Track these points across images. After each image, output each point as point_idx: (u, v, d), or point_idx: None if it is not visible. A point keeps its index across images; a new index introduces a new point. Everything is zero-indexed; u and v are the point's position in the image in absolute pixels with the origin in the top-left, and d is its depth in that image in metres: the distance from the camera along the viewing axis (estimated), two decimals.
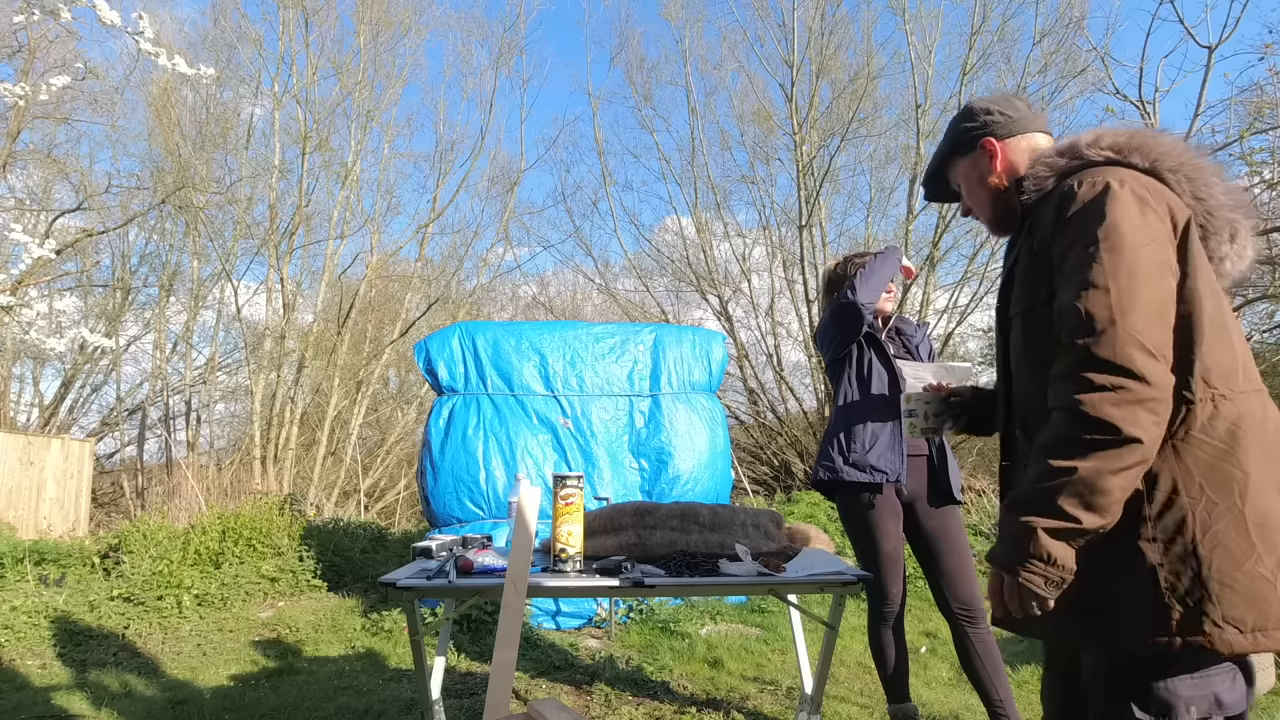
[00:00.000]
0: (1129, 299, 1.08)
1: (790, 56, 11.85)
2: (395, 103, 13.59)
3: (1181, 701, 1.08)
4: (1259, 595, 1.05)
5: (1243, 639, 1.04)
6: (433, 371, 5.05)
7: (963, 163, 1.48)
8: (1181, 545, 1.08)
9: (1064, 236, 1.18)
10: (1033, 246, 1.26)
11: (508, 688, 1.62)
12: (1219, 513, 1.08)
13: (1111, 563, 1.12)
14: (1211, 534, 1.07)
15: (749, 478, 10.79)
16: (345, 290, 13.30)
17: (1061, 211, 1.20)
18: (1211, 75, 8.25)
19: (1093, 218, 1.14)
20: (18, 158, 11.95)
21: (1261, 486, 1.09)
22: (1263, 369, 8.66)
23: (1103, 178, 1.17)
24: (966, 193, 1.49)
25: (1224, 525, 1.07)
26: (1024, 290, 1.28)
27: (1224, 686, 1.10)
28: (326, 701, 3.24)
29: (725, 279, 13.02)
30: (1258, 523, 1.07)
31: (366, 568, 6.07)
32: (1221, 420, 1.11)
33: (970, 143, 1.45)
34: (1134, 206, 1.13)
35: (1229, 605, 1.05)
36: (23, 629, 4.32)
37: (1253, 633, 1.04)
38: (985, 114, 1.44)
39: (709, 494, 4.95)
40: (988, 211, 1.46)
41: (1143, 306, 1.07)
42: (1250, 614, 1.05)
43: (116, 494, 13.83)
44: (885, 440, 2.55)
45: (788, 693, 3.29)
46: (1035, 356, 1.24)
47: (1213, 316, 1.14)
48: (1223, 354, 1.13)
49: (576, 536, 2.09)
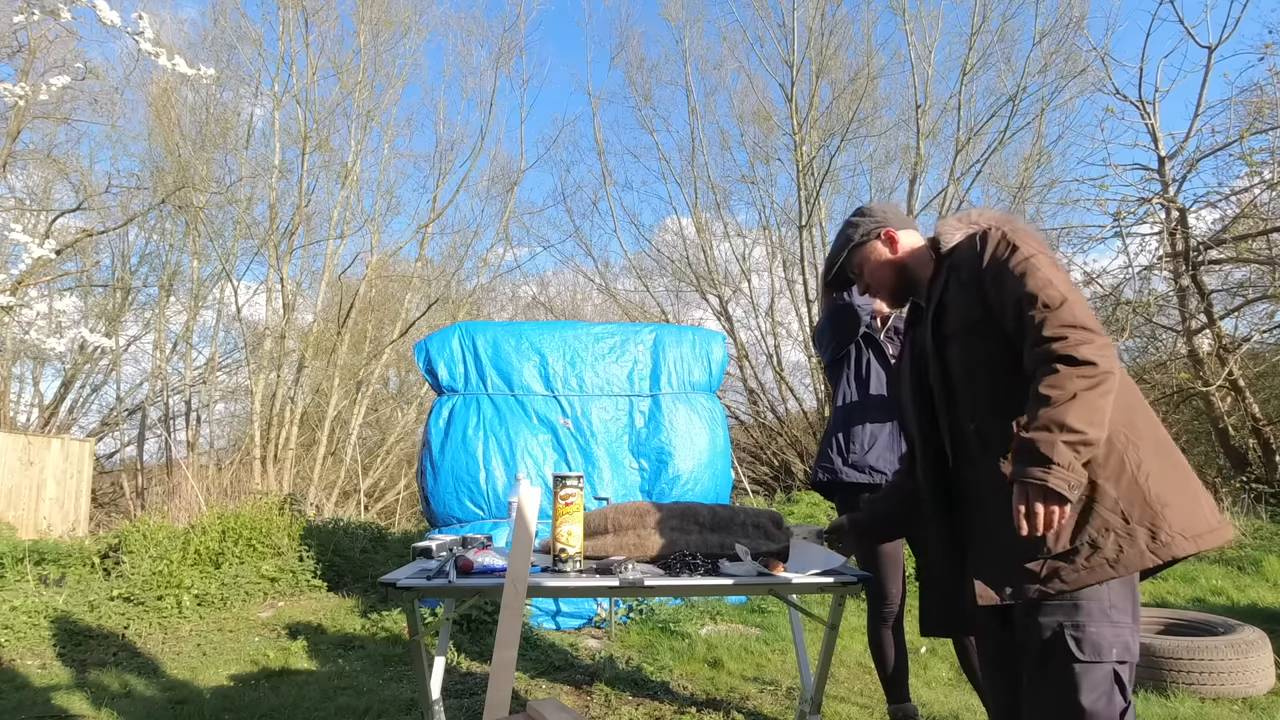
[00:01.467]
0: (1068, 286, 1.45)
1: (790, 56, 11.86)
2: (395, 103, 13.61)
3: (1106, 644, 1.35)
4: (1184, 510, 1.38)
5: (1187, 542, 1.35)
6: (433, 371, 5.05)
7: (863, 251, 1.81)
8: (1127, 479, 1.39)
9: (993, 264, 1.53)
10: (960, 280, 1.59)
11: (508, 688, 1.62)
12: (1142, 453, 1.41)
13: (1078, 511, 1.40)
14: (1142, 469, 1.39)
15: (749, 478, 10.79)
16: (345, 290, 13.30)
17: (984, 250, 1.56)
18: (1211, 75, 8.26)
19: (1014, 248, 1.51)
20: (18, 158, 11.95)
21: (1154, 434, 1.45)
22: (1262, 369, 8.66)
23: (1002, 228, 1.58)
24: (869, 273, 1.82)
25: (1147, 461, 1.40)
26: (960, 312, 1.59)
27: (1131, 637, 1.38)
28: (326, 701, 3.24)
29: (725, 279, 13.03)
30: (1161, 455, 1.43)
31: (366, 568, 6.07)
32: (1123, 393, 1.44)
33: (873, 234, 1.80)
34: (1033, 238, 1.54)
35: (1170, 521, 1.36)
36: (23, 629, 4.32)
37: (1192, 537, 1.36)
38: (882, 213, 1.83)
39: (709, 494, 4.95)
40: (890, 286, 1.80)
41: (1075, 293, 1.45)
42: (1184, 523, 1.36)
43: (116, 494, 13.83)
44: (884, 441, 2.55)
45: (788, 693, 3.29)
46: (975, 363, 1.57)
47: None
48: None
49: (576, 536, 2.09)
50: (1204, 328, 8.28)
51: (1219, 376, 7.74)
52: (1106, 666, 1.34)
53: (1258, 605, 4.58)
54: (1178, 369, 8.82)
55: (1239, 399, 8.03)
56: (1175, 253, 8.19)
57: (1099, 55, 9.46)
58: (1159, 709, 2.90)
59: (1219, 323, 8.16)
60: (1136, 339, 9.62)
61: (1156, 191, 8.53)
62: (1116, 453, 1.41)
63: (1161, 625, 3.61)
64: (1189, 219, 8.18)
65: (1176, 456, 1.46)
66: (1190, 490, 1.43)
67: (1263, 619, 4.00)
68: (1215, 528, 1.40)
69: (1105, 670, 1.34)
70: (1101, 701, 1.33)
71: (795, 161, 11.74)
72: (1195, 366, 8.24)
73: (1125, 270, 8.71)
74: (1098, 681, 1.34)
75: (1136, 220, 8.54)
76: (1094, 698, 1.33)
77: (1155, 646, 3.14)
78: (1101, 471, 1.40)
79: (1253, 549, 5.73)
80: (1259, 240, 8.05)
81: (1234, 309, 8.46)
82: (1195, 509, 1.40)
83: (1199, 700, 2.99)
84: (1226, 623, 3.38)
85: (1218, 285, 8.54)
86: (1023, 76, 10.69)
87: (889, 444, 2.55)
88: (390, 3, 13.30)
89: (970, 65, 10.97)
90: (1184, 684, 3.05)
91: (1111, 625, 1.36)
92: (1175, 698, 2.99)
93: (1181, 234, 8.10)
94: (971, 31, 11.02)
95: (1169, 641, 3.17)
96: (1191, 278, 7.97)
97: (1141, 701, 2.96)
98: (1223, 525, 1.42)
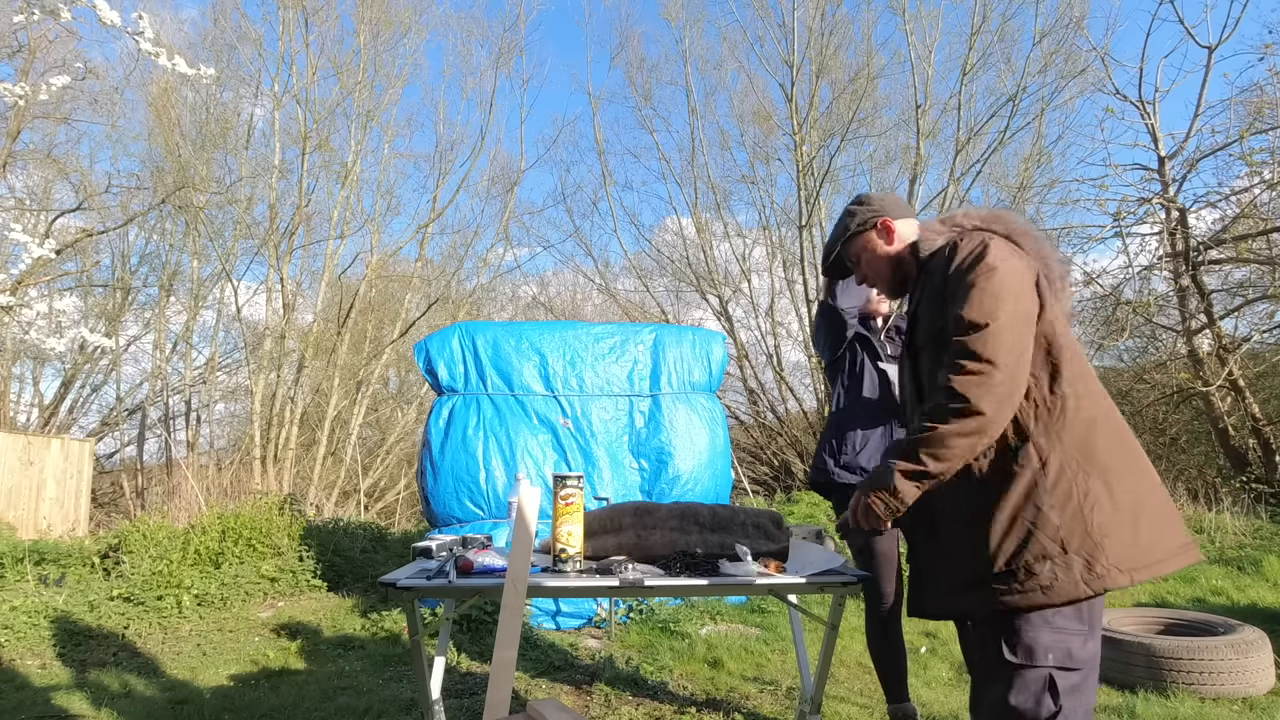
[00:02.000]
0: (1008, 310, 1.42)
1: (790, 56, 11.85)
2: (395, 103, 13.60)
3: (1041, 648, 1.36)
4: (1127, 542, 1.38)
5: (1123, 576, 1.36)
6: (433, 371, 5.05)
7: (860, 241, 1.82)
8: (1071, 508, 1.39)
9: (954, 275, 1.53)
10: (933, 288, 1.59)
11: (508, 688, 1.62)
12: (1092, 481, 1.40)
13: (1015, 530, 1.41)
14: (1090, 498, 1.39)
15: (749, 478, 10.79)
16: (345, 290, 13.29)
17: (951, 259, 1.55)
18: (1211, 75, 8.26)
19: (977, 259, 1.50)
20: (18, 158, 11.95)
21: (1116, 460, 1.44)
22: (1262, 369, 8.66)
23: (979, 236, 1.56)
24: (865, 263, 1.82)
25: (1097, 490, 1.39)
26: (928, 323, 1.61)
27: (1077, 643, 1.37)
28: (326, 701, 3.24)
29: (725, 279, 13.02)
30: (1118, 485, 1.41)
31: (366, 568, 6.07)
32: (1084, 410, 1.45)
33: (869, 223, 1.80)
34: (1005, 252, 1.51)
35: (1109, 552, 1.36)
36: (23, 629, 4.32)
37: (1129, 570, 1.36)
38: (881, 201, 1.84)
39: (709, 494, 4.95)
40: (887, 277, 1.80)
41: (1008, 317, 1.41)
42: (1125, 556, 1.36)
43: (116, 494, 13.82)
44: (875, 442, 2.57)
45: (788, 693, 3.29)
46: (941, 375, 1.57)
47: (1066, 335, 1.51)
48: (1076, 363, 1.49)
49: (576, 536, 2.09)
50: (1204, 328, 8.29)
51: (1219, 376, 7.74)
52: (1041, 670, 1.35)
53: (1258, 605, 4.58)
54: (1178, 369, 8.82)
55: (1239, 399, 8.03)
56: (1175, 253, 8.20)
57: (1099, 55, 9.46)
58: (1159, 709, 2.90)
59: (1219, 323, 8.16)
60: (1136, 339, 9.63)
61: (1156, 191, 8.54)
62: (1066, 480, 1.40)
63: (1161, 625, 3.61)
64: (1189, 219, 8.18)
65: (1139, 480, 1.45)
66: (1144, 519, 1.40)
67: (1263, 619, 4.00)
68: (1160, 560, 1.39)
69: (1039, 674, 1.35)
70: (1030, 703, 1.35)
71: (795, 161, 11.74)
72: (1195, 366, 8.25)
73: (1125, 270, 8.72)
74: (1028, 683, 1.36)
75: (1136, 220, 8.55)
76: (1022, 699, 1.35)
77: (1155, 646, 3.14)
78: (1047, 498, 1.40)
79: (1253, 549, 5.73)
80: (1259, 240, 8.06)
81: (1234, 309, 8.46)
82: (1140, 540, 1.38)
83: (1199, 700, 2.99)
84: (1226, 623, 3.38)
85: (1218, 285, 8.55)
86: (1023, 76, 10.69)
87: (880, 445, 2.57)
88: (390, 3, 13.30)
89: (970, 65, 10.97)
90: (1184, 684, 3.05)
91: (1052, 631, 1.37)
92: (1175, 698, 2.99)
93: (1181, 234, 8.10)
94: (971, 31, 11.03)
95: (1169, 641, 3.17)
96: (1191, 278, 7.97)
97: (1141, 701, 2.97)
98: (1172, 557, 1.40)
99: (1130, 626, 3.57)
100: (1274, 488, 7.36)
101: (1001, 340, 1.39)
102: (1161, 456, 9.53)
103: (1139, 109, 8.79)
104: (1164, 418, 9.64)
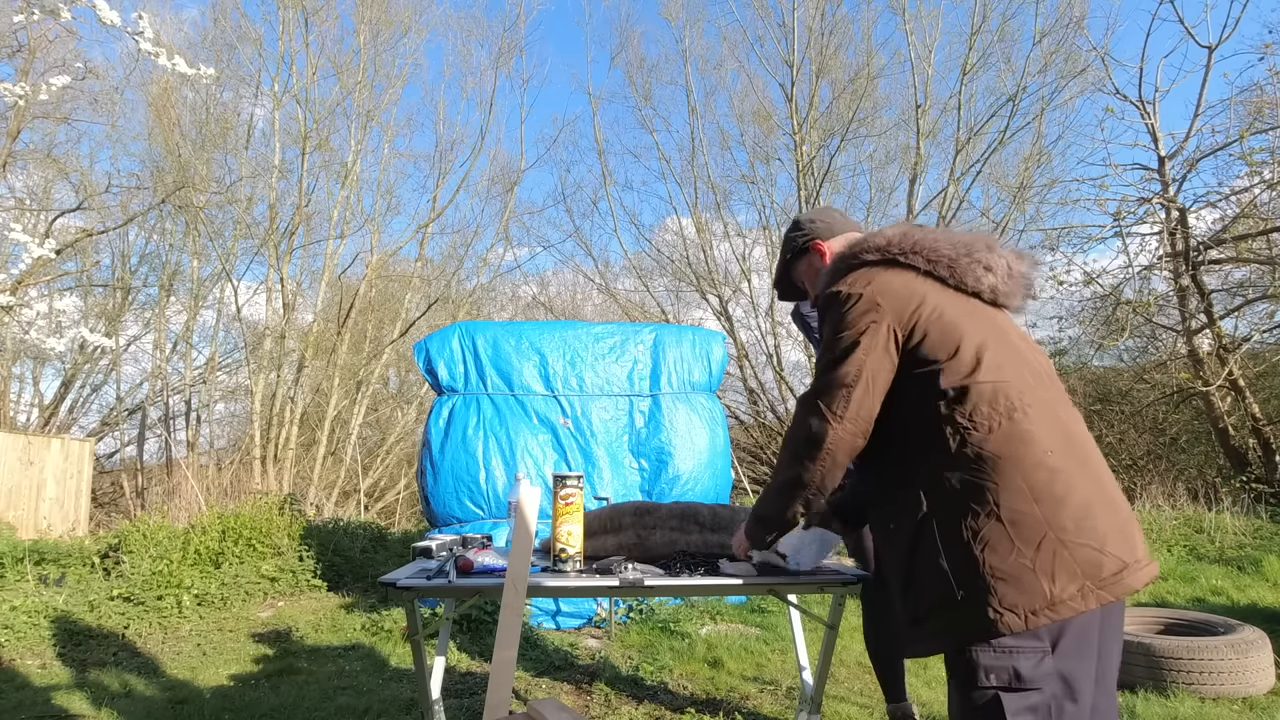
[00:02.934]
0: (840, 367, 1.41)
1: (790, 56, 11.86)
2: (395, 103, 13.61)
3: (981, 669, 1.30)
4: (1024, 582, 1.27)
5: (1019, 620, 1.26)
6: (433, 371, 5.05)
7: (801, 264, 1.85)
8: (960, 550, 1.31)
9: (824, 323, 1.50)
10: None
11: (508, 688, 1.62)
12: (982, 520, 1.30)
13: (921, 575, 1.38)
14: (980, 537, 1.30)
15: (749, 478, 10.79)
16: (345, 290, 13.30)
17: (827, 306, 1.51)
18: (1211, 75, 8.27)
19: (837, 312, 1.47)
20: (18, 158, 11.96)
21: (1011, 491, 1.30)
22: (1262, 369, 8.66)
23: (848, 287, 1.48)
24: (810, 286, 1.82)
25: (988, 529, 1.30)
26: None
27: (1028, 663, 1.30)
28: (326, 701, 3.24)
29: (725, 279, 13.03)
30: (1011, 520, 1.29)
31: (366, 568, 6.07)
32: (970, 448, 1.34)
33: (804, 247, 1.81)
34: (864, 308, 1.44)
35: (1003, 595, 1.27)
36: (23, 629, 4.32)
37: (1027, 614, 1.26)
38: (810, 224, 1.82)
39: (709, 494, 4.95)
40: None
41: (847, 377, 1.40)
42: (1022, 599, 1.26)
43: (116, 494, 13.83)
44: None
45: (788, 693, 3.29)
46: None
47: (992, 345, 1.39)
48: (997, 380, 1.36)
49: (576, 536, 2.09)
50: (1204, 328, 8.29)
51: (1219, 376, 7.74)
52: (986, 691, 1.32)
53: (1258, 605, 4.58)
54: (1178, 369, 8.82)
55: (1239, 399, 8.03)
56: (1175, 253, 8.20)
57: (1099, 55, 9.47)
58: (1159, 709, 2.90)
59: (1219, 323, 8.17)
60: (1136, 339, 9.63)
61: (1156, 191, 8.54)
62: (953, 521, 1.33)
63: (1161, 625, 3.61)
64: (1189, 219, 8.19)
65: (1056, 518, 1.30)
66: (1059, 553, 1.29)
67: (1263, 619, 4.00)
68: (1062, 599, 1.27)
69: (984, 694, 1.33)
70: None
71: (795, 161, 11.74)
72: (1195, 366, 8.25)
73: (1125, 270, 8.73)
74: (974, 702, 1.34)
75: (1136, 220, 8.56)
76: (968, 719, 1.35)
77: (1155, 646, 3.14)
78: (941, 541, 1.34)
79: (1253, 549, 5.73)
80: (1259, 240, 8.06)
81: (1234, 309, 8.46)
82: (1038, 581, 1.28)
83: (1199, 700, 2.99)
84: (1226, 623, 3.38)
85: (1218, 285, 8.55)
86: (1023, 76, 10.70)
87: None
88: (390, 3, 13.31)
89: (970, 65, 10.98)
90: (1184, 684, 3.05)
91: (994, 653, 1.32)
92: (1175, 698, 2.99)
93: (1181, 234, 8.10)
94: (971, 31, 11.03)
95: (1169, 641, 3.17)
96: (1191, 278, 7.98)
97: (1141, 701, 2.97)
98: (1090, 592, 1.28)
99: (1130, 626, 3.57)
100: (1274, 488, 7.37)
101: (839, 373, 1.42)
102: (1161, 456, 9.54)
103: (1139, 109, 8.80)
104: (1164, 418, 9.65)
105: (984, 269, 1.50)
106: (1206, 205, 8.41)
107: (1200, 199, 8.50)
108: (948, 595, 1.33)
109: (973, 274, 1.49)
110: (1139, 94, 8.74)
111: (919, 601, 1.40)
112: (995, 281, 1.50)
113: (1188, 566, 5.44)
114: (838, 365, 1.42)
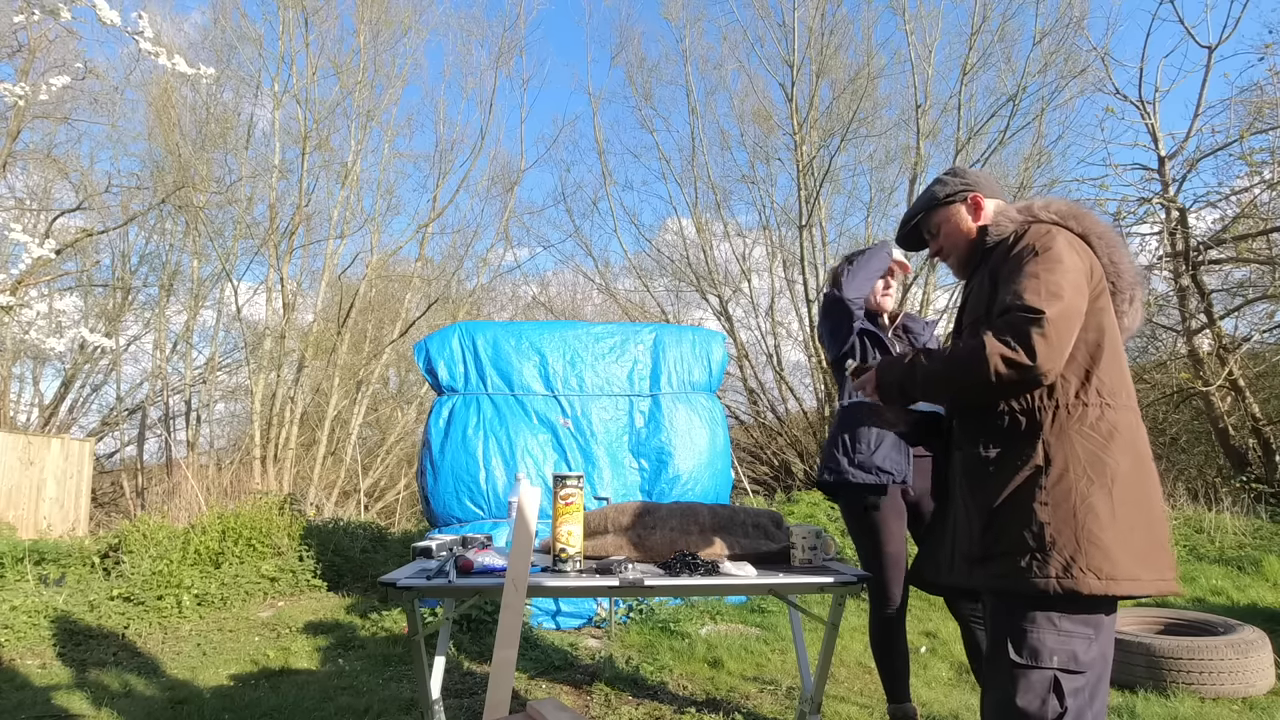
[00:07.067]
0: (1065, 300, 1.44)
1: (790, 56, 11.85)
2: (395, 103, 13.58)
3: (1046, 650, 1.40)
4: (1112, 553, 1.39)
5: (1098, 583, 1.38)
6: (433, 371, 5.05)
7: (947, 212, 1.79)
8: (1066, 509, 1.42)
9: (1010, 261, 1.55)
10: (990, 273, 1.60)
11: (508, 687, 1.62)
12: (1094, 489, 1.42)
13: (1011, 519, 1.46)
14: (1086, 503, 1.41)
15: (749, 478, 10.79)
16: (345, 290, 13.29)
17: (1013, 248, 1.57)
18: (1211, 75, 8.26)
19: (1038, 246, 1.52)
20: (18, 158, 11.96)
21: (1125, 476, 1.44)
22: (1262, 369, 8.66)
23: (1046, 228, 1.57)
24: (945, 235, 1.80)
25: (1097, 498, 1.42)
26: (974, 305, 1.64)
27: (1082, 647, 1.40)
28: (326, 701, 3.24)
29: (725, 279, 13.01)
30: (1120, 499, 1.42)
31: (366, 568, 6.07)
32: (1104, 423, 1.47)
33: (958, 196, 1.78)
34: (1067, 244, 1.53)
35: (1091, 557, 1.38)
36: (23, 629, 4.32)
37: (1106, 579, 1.38)
38: (973, 176, 1.83)
39: (709, 494, 4.95)
40: (963, 254, 1.78)
41: (1064, 305, 1.43)
42: (1105, 565, 1.38)
43: (116, 494, 13.83)
44: (891, 440, 2.50)
45: (788, 693, 3.29)
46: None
47: (1112, 346, 1.52)
48: (1113, 375, 1.51)
49: (576, 536, 2.09)
50: (1204, 328, 8.29)
51: (1219, 376, 7.74)
52: (1046, 672, 1.38)
53: (1258, 605, 4.58)
54: (1178, 369, 8.82)
55: (1239, 399, 8.03)
56: (1175, 253, 8.20)
57: (1099, 55, 9.46)
58: (1159, 709, 2.90)
59: (1219, 323, 8.16)
60: (1136, 339, 9.62)
61: (1156, 191, 8.54)
62: (1067, 482, 1.43)
63: (1161, 625, 3.61)
64: (1189, 219, 8.18)
65: (1142, 507, 1.45)
66: (1136, 540, 1.42)
67: (1263, 619, 4.00)
68: (1139, 579, 1.40)
69: (1043, 675, 1.38)
70: (1035, 704, 1.38)
71: (795, 161, 11.73)
72: (1195, 366, 8.25)
73: None
74: (1033, 684, 1.39)
75: (1136, 220, 8.55)
76: (1028, 699, 1.39)
77: (1155, 646, 3.14)
78: (1043, 495, 1.44)
79: (1253, 549, 5.73)
80: (1259, 240, 8.06)
81: (1234, 309, 8.46)
82: (1126, 556, 1.40)
83: (1199, 700, 2.99)
84: (1226, 623, 3.38)
85: (1218, 285, 8.55)
86: (1023, 76, 10.67)
87: (895, 443, 2.50)
88: (390, 3, 13.29)
89: (970, 65, 10.96)
90: (1184, 684, 3.05)
91: (1057, 634, 1.40)
92: (1175, 697, 2.99)
93: (1181, 234, 8.10)
94: (971, 31, 11.01)
95: (1169, 641, 3.17)
96: (1191, 278, 7.97)
97: (1141, 701, 2.97)
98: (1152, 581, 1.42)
99: (1130, 626, 3.57)
100: (1274, 487, 7.36)
101: (1063, 325, 1.43)
102: (1161, 456, 9.53)
103: (1139, 109, 8.80)
104: (1164, 418, 9.64)
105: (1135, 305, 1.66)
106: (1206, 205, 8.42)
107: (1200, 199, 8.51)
108: (1033, 543, 1.42)
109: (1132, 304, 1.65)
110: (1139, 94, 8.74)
111: (996, 540, 1.48)
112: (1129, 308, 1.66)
113: (1188, 566, 5.44)
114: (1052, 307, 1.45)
